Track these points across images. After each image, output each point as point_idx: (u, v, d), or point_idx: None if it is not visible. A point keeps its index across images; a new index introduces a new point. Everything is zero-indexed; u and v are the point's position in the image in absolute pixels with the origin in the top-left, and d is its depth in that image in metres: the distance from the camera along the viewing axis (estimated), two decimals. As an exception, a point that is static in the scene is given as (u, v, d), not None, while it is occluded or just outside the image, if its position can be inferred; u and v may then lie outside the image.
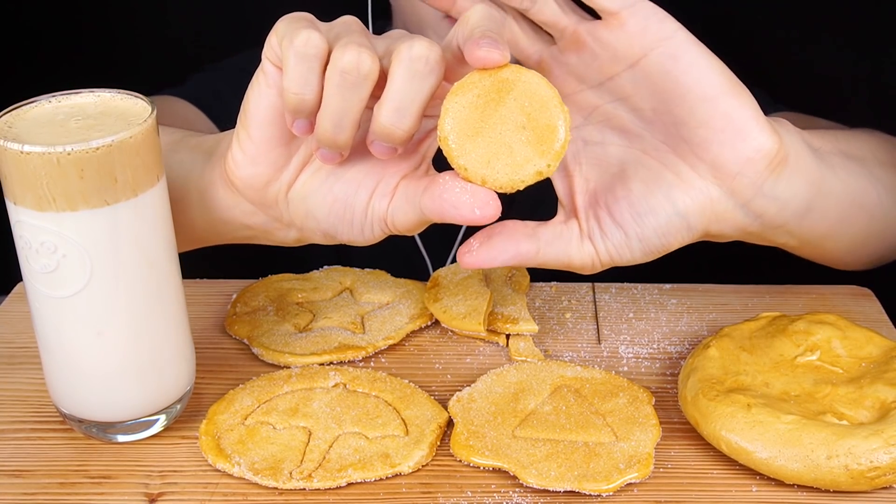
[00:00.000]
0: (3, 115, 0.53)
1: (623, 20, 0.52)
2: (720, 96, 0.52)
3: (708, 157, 0.54)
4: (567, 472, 0.53)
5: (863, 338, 0.60)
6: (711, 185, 0.54)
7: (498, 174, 0.49)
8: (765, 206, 0.55)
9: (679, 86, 0.53)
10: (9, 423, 0.59)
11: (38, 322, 0.55)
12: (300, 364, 0.63)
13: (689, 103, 0.53)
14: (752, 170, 0.54)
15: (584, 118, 0.56)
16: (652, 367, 0.64)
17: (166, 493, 0.53)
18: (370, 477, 0.54)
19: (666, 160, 0.55)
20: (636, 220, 0.55)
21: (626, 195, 0.55)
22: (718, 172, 0.54)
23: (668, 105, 0.54)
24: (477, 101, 0.49)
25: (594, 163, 0.56)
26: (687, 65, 0.52)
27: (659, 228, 0.55)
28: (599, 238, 0.56)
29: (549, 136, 0.48)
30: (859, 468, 0.51)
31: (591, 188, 0.56)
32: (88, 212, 0.51)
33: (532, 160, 0.49)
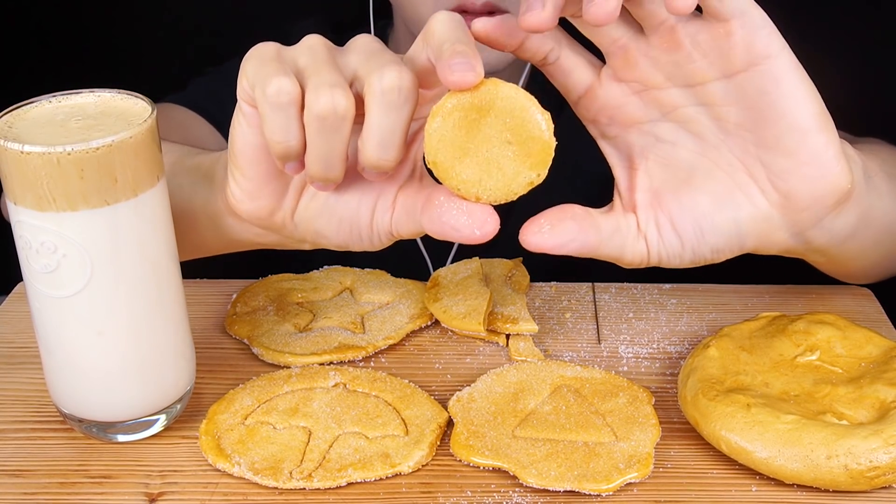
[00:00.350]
0: (4, 115, 0.53)
1: (731, 29, 0.49)
2: (813, 130, 0.50)
3: (783, 187, 0.52)
4: (567, 472, 0.53)
5: (862, 338, 0.60)
6: (775, 211, 0.53)
7: (491, 190, 0.49)
8: (817, 236, 0.55)
9: (774, 110, 0.50)
10: (9, 423, 0.59)
11: (39, 322, 0.55)
12: (300, 364, 0.63)
13: (779, 129, 0.51)
14: (820, 206, 0.53)
15: (662, 115, 0.53)
16: (652, 367, 0.64)
17: (166, 493, 0.54)
18: (370, 477, 0.54)
19: (737, 178, 0.53)
20: (697, 235, 0.53)
21: (693, 207, 0.53)
22: (788, 203, 0.52)
23: (756, 124, 0.51)
24: (459, 122, 0.49)
25: (661, 161, 0.54)
26: (788, 90, 0.50)
27: (716, 246, 0.54)
28: (656, 239, 0.54)
29: (535, 147, 0.49)
30: (859, 468, 0.51)
31: (655, 186, 0.54)
32: (88, 212, 0.51)
33: (522, 172, 0.49)
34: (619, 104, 0.54)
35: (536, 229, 0.52)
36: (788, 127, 0.50)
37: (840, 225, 0.54)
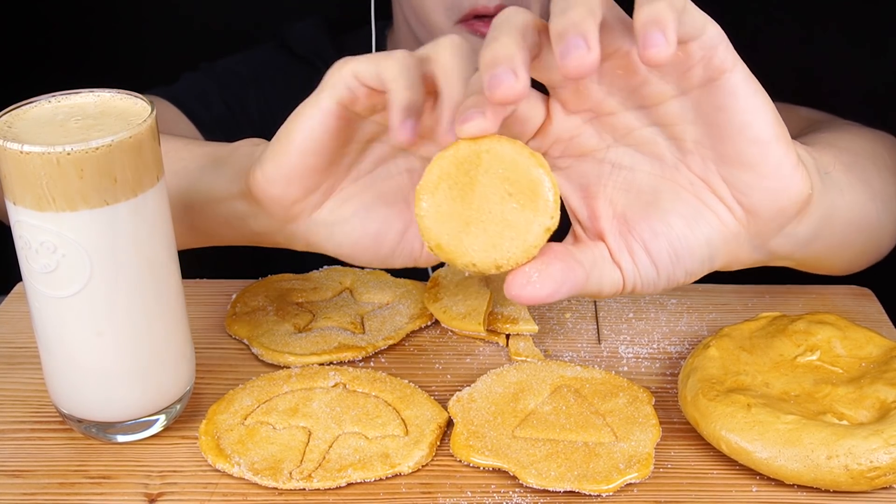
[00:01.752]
0: (3, 115, 0.53)
1: (690, 50, 0.46)
2: (772, 141, 0.49)
3: (747, 203, 0.50)
4: (567, 473, 0.53)
5: (863, 338, 0.60)
6: (741, 228, 0.52)
7: (509, 253, 0.46)
8: (780, 245, 0.54)
9: (732, 124, 0.48)
10: (8, 424, 0.59)
11: (38, 322, 0.55)
12: (300, 364, 0.63)
13: (739, 143, 0.49)
14: (783, 217, 0.51)
15: (616, 139, 0.51)
16: (652, 367, 0.63)
17: (166, 494, 0.53)
18: (370, 477, 0.54)
19: (703, 196, 0.51)
20: (672, 260, 0.51)
21: (667, 231, 0.51)
22: (752, 217, 0.51)
23: (715, 140, 0.49)
24: (450, 193, 0.45)
25: (622, 187, 0.52)
26: (745, 103, 0.48)
27: (690, 269, 0.52)
28: (631, 268, 0.51)
29: (538, 190, 0.45)
30: (859, 468, 0.51)
31: (619, 212, 0.52)
32: (88, 212, 0.51)
33: (534, 221, 0.46)
34: (571, 136, 0.51)
35: (525, 281, 0.47)
36: (748, 140, 0.49)
37: (802, 231, 0.53)
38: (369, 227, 0.56)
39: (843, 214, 0.57)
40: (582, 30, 0.43)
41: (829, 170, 0.56)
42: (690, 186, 0.51)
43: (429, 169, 0.46)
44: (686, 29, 0.45)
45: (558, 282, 0.47)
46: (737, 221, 0.51)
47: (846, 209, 0.57)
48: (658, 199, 0.51)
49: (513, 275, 0.47)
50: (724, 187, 0.50)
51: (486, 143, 0.45)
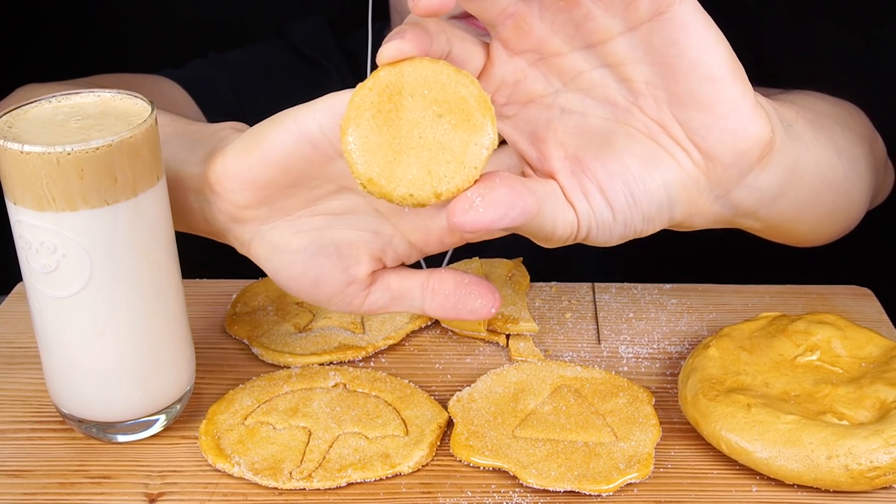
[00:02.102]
0: (3, 115, 0.53)
1: None
2: (727, 79, 0.46)
3: (704, 146, 0.47)
4: (567, 472, 0.53)
5: (863, 338, 0.60)
6: (700, 173, 0.48)
7: (448, 178, 0.42)
8: (743, 198, 0.50)
9: (684, 61, 0.45)
10: (9, 423, 0.59)
11: (38, 322, 0.55)
12: (300, 364, 0.63)
13: (692, 82, 0.46)
14: (744, 162, 0.48)
15: (564, 84, 0.48)
16: (652, 367, 0.63)
17: (166, 493, 0.53)
18: (370, 477, 0.54)
19: (660, 140, 0.48)
20: (629, 203, 0.48)
21: (622, 171, 0.47)
22: (711, 161, 0.48)
23: (667, 80, 0.46)
24: (376, 122, 0.42)
25: (573, 132, 0.48)
26: (696, 38, 0.45)
27: (648, 214, 0.48)
28: (585, 209, 0.48)
29: (469, 107, 0.42)
30: (859, 468, 0.51)
31: (571, 153, 0.48)
32: (88, 212, 0.51)
33: (470, 141, 0.42)
34: (516, 80, 0.48)
35: (466, 206, 0.42)
36: (701, 78, 0.45)
37: (766, 182, 0.50)
38: (310, 270, 0.54)
39: (809, 169, 0.54)
40: None
41: (791, 122, 0.53)
42: (646, 129, 0.48)
43: (350, 101, 0.42)
44: None
45: (504, 206, 0.43)
46: (695, 166, 0.48)
47: (812, 163, 0.55)
48: (611, 140, 0.48)
49: (454, 201, 0.43)
50: (679, 130, 0.47)
51: (408, 65, 0.42)
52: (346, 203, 0.53)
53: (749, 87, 0.47)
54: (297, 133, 0.50)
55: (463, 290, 0.53)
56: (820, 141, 0.56)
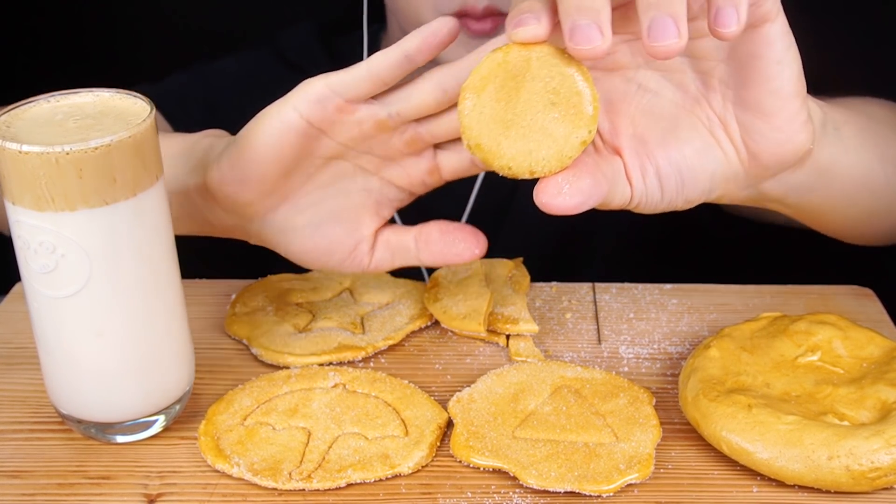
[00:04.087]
0: (2, 115, 0.53)
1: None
2: (791, 96, 0.50)
3: (754, 148, 0.52)
4: (567, 473, 0.53)
5: (864, 338, 0.60)
6: (742, 169, 0.53)
7: (544, 160, 0.47)
8: (770, 188, 0.55)
9: (761, 73, 0.50)
10: (7, 424, 0.59)
11: (37, 322, 0.55)
12: (300, 364, 0.63)
13: (761, 92, 0.50)
14: (781, 166, 0.53)
15: (647, 62, 0.52)
16: (652, 368, 0.63)
17: (165, 494, 0.53)
18: (370, 477, 0.54)
19: (715, 133, 0.53)
20: (678, 187, 0.53)
21: (679, 161, 0.53)
22: (754, 161, 0.53)
23: (739, 84, 0.51)
24: (496, 95, 0.46)
25: (644, 109, 0.53)
26: (777, 55, 0.49)
27: (690, 197, 0.54)
28: (640, 186, 0.53)
29: (581, 103, 0.46)
30: (860, 469, 0.51)
31: (639, 132, 0.53)
32: (87, 212, 0.51)
33: (573, 133, 0.46)
34: None
35: (556, 191, 0.48)
36: (770, 90, 0.50)
37: (795, 179, 0.55)
38: (319, 241, 0.60)
39: (846, 171, 0.58)
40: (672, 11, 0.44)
41: (838, 126, 0.57)
42: (707, 121, 0.52)
43: (476, 68, 0.46)
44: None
45: (586, 195, 0.48)
46: (740, 162, 0.53)
47: (849, 166, 0.58)
48: (676, 127, 0.53)
49: (545, 182, 0.48)
50: (736, 129, 0.52)
51: (538, 50, 0.46)
52: (333, 172, 0.59)
53: (805, 104, 0.52)
54: (282, 126, 0.56)
55: (448, 237, 0.60)
56: (866, 146, 0.60)
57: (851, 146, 0.58)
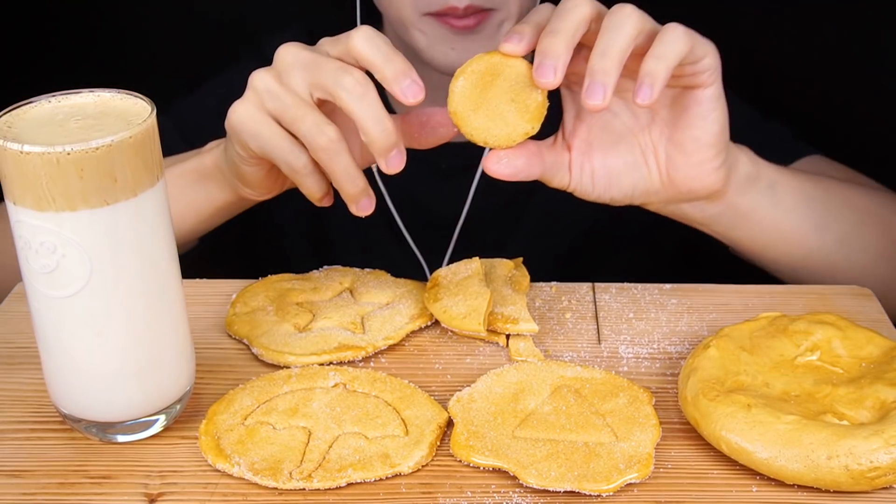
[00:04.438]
0: (3, 115, 0.53)
1: (685, 69, 0.61)
2: (709, 146, 0.64)
3: (673, 175, 0.65)
4: (567, 473, 0.53)
5: (863, 338, 0.60)
6: (661, 187, 0.66)
7: (496, 137, 0.61)
8: (689, 211, 0.69)
9: (687, 122, 0.64)
10: (8, 424, 0.59)
11: (38, 322, 0.55)
12: (300, 364, 0.63)
13: (685, 136, 0.64)
14: (691, 195, 0.67)
15: (617, 91, 0.62)
16: (652, 368, 0.63)
17: (166, 494, 0.53)
18: (370, 477, 0.54)
19: (647, 156, 0.66)
20: (605, 186, 0.66)
21: (611, 167, 0.66)
22: (671, 185, 0.66)
23: (672, 126, 0.65)
24: (476, 83, 0.60)
25: (602, 123, 0.66)
26: (704, 111, 0.63)
27: (614, 198, 0.67)
28: (577, 177, 0.66)
29: (533, 107, 0.60)
30: (860, 468, 0.51)
31: (590, 139, 0.66)
32: (88, 212, 0.51)
33: (520, 125, 0.61)
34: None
35: (496, 160, 0.62)
36: (692, 137, 0.64)
37: (712, 211, 0.68)
38: None
39: (770, 223, 0.70)
40: (605, 81, 0.57)
41: (774, 185, 0.69)
42: (642, 145, 0.66)
43: (470, 61, 0.60)
44: (688, 59, 0.60)
45: (517, 170, 0.62)
46: (660, 182, 0.66)
47: (776, 220, 0.70)
48: (618, 142, 0.66)
49: (493, 153, 0.62)
50: (663, 157, 0.66)
51: (513, 61, 0.60)
52: None
53: (723, 153, 0.65)
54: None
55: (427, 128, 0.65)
56: (802, 211, 0.71)
57: (783, 205, 0.70)
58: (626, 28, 0.58)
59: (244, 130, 0.63)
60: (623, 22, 0.58)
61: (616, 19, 0.58)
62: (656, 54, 0.58)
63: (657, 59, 0.58)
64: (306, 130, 0.61)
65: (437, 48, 0.82)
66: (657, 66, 0.58)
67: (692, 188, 0.66)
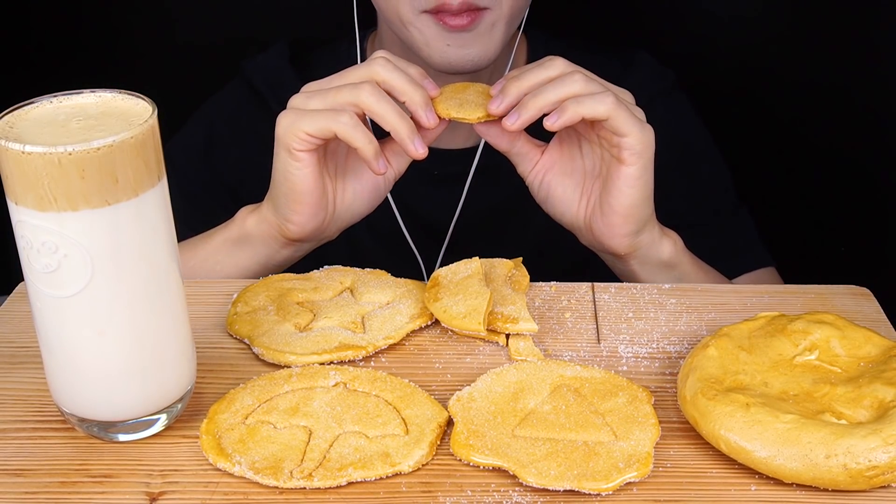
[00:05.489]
0: (5, 116, 0.53)
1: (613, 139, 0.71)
2: (623, 216, 0.73)
3: (591, 224, 0.76)
4: (566, 472, 0.53)
5: (861, 337, 0.61)
6: (582, 228, 0.77)
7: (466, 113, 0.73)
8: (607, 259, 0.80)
9: (609, 189, 0.73)
10: (10, 423, 0.59)
11: (40, 322, 0.55)
12: (301, 363, 0.63)
13: (606, 198, 0.74)
14: (602, 247, 0.77)
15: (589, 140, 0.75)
16: (651, 367, 0.64)
17: (167, 493, 0.54)
18: (370, 476, 0.54)
19: (584, 197, 0.76)
20: (544, 199, 0.78)
21: (554, 190, 0.77)
22: (588, 231, 0.77)
23: (602, 187, 0.74)
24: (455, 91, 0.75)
25: (571, 155, 0.77)
26: (622, 185, 0.72)
27: (546, 210, 0.78)
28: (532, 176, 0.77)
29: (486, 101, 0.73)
30: (858, 467, 0.51)
31: (557, 159, 0.77)
32: (89, 212, 0.51)
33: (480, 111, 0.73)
34: None
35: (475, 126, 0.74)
36: (610, 202, 0.73)
37: (618, 267, 0.80)
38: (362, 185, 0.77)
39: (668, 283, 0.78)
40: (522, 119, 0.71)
41: (683, 278, 0.79)
42: (584, 190, 0.76)
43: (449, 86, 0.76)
44: (616, 125, 0.70)
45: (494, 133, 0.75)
46: (583, 223, 0.77)
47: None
48: (570, 175, 0.77)
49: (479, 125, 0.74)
50: (591, 208, 0.76)
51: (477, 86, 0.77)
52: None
53: (631, 224, 0.74)
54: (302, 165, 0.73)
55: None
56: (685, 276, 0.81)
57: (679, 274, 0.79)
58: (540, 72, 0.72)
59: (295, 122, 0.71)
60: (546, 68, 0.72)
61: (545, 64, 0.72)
62: (537, 92, 0.70)
63: (534, 96, 0.70)
64: (347, 92, 0.70)
65: (433, 45, 0.84)
66: (531, 102, 0.70)
67: (601, 241, 0.76)
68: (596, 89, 0.70)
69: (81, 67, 1.14)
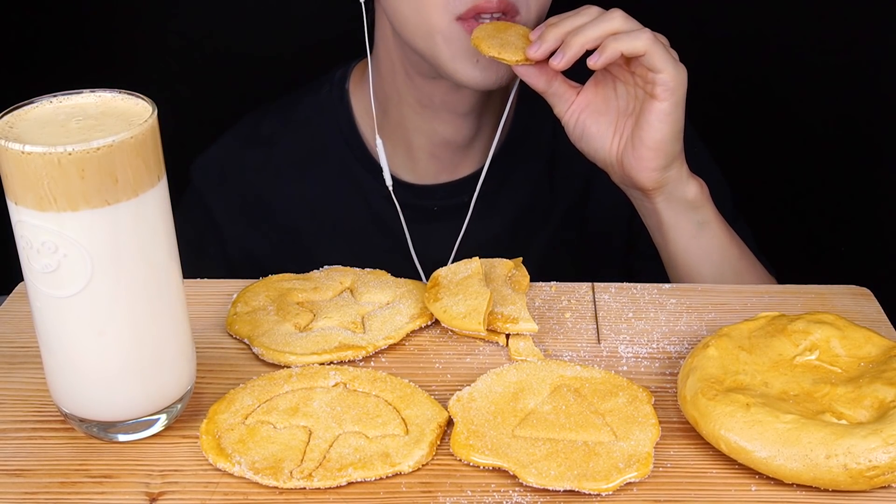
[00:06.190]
0: (5, 116, 0.53)
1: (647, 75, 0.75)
2: (652, 149, 0.76)
3: (622, 158, 0.79)
4: (566, 472, 0.53)
5: (861, 337, 0.61)
6: (614, 164, 0.80)
7: (508, 55, 0.76)
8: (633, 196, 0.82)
9: (642, 123, 0.76)
10: (10, 423, 0.59)
11: (40, 322, 0.55)
12: (300, 363, 0.63)
13: (638, 133, 0.77)
14: (631, 183, 0.79)
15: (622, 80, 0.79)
16: (651, 367, 0.64)
17: (167, 493, 0.54)
18: (370, 476, 0.54)
19: (617, 133, 0.79)
20: (578, 138, 0.81)
21: (588, 127, 0.80)
22: (619, 165, 0.79)
23: (635, 122, 0.77)
24: (497, 27, 0.79)
25: (606, 95, 0.80)
26: (655, 120, 0.75)
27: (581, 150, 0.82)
28: (568, 116, 0.81)
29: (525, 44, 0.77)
30: (858, 467, 0.51)
31: (592, 99, 0.80)
32: (89, 212, 0.51)
33: (519, 54, 0.76)
34: None
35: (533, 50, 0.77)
36: (642, 136, 0.76)
37: (642, 206, 0.82)
38: None
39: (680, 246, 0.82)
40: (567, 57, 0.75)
41: (704, 223, 0.81)
42: (617, 127, 0.80)
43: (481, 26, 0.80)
44: (652, 62, 0.73)
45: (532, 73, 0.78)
46: (615, 159, 0.80)
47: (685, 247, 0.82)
48: (605, 115, 0.80)
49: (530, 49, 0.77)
50: (623, 143, 0.79)
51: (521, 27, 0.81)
52: None
53: (661, 160, 0.77)
54: None
55: None
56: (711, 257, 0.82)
57: (702, 244, 0.81)
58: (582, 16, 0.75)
59: None
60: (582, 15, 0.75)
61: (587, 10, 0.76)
62: (579, 30, 0.74)
63: (576, 34, 0.74)
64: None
65: (459, 61, 0.81)
66: (573, 39, 0.74)
67: (630, 176, 0.78)
68: (634, 26, 0.74)
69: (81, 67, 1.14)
